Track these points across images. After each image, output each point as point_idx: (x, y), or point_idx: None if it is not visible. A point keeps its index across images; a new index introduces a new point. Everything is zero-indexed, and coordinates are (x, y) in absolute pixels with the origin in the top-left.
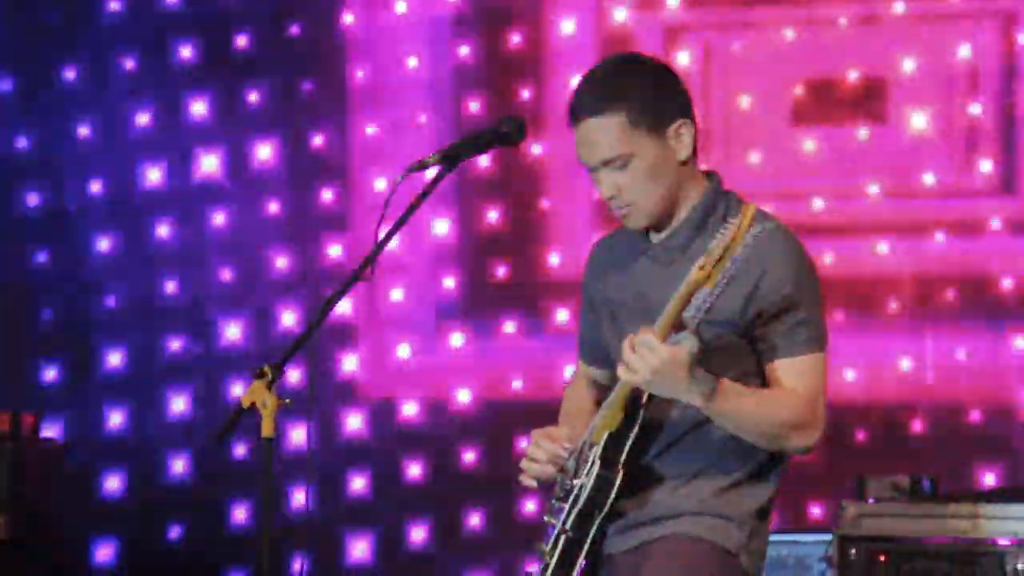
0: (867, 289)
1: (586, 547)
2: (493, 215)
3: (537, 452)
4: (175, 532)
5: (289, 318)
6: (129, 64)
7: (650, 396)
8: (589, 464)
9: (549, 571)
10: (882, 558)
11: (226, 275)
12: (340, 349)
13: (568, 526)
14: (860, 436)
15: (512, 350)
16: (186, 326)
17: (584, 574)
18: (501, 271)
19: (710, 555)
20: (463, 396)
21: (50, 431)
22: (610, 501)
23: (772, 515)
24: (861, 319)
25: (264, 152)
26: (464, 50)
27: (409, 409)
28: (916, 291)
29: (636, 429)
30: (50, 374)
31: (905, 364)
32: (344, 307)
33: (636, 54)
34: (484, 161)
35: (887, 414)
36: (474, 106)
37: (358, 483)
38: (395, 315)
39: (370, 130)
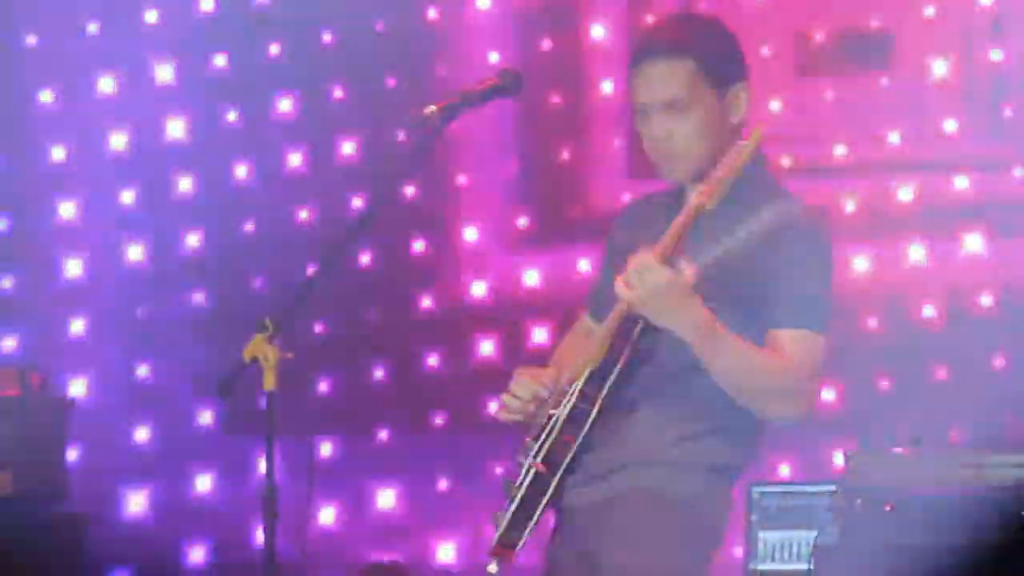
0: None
1: (555, 482)
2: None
3: (518, 389)
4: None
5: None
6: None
7: (638, 334)
8: (567, 397)
9: (515, 504)
10: (887, 508)
11: None
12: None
13: (540, 458)
14: None
15: None
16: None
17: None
18: None
19: (670, 508)
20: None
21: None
22: (583, 434)
23: (734, 477)
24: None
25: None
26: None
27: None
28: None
29: (619, 367)
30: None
31: None
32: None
33: (701, 13)
34: None
35: None
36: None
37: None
38: None
39: None
